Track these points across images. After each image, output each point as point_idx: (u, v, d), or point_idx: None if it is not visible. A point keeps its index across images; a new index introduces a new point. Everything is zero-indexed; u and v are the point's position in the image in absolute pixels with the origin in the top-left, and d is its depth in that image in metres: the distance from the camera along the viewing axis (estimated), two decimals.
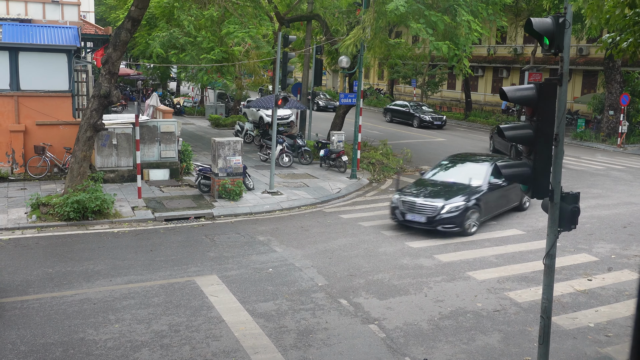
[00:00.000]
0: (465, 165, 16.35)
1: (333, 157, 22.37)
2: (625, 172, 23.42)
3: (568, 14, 6.63)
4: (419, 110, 38.70)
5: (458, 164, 16.61)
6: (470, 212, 14.40)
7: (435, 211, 14.20)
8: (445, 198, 14.50)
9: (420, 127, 37.21)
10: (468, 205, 14.37)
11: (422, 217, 14.36)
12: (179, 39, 22.58)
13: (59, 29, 20.81)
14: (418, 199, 14.66)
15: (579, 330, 9.42)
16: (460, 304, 10.36)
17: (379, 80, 58.47)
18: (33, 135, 19.18)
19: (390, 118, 40.12)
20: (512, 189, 15.90)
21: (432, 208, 14.30)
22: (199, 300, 10.29)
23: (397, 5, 18.06)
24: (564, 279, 11.56)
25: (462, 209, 14.26)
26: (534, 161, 6.81)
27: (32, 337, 8.83)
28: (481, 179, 15.33)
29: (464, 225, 14.28)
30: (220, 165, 17.10)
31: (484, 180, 15.25)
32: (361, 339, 9.00)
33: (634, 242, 14.13)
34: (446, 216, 14.12)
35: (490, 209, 15.27)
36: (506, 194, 15.85)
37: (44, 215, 14.66)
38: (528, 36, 40.31)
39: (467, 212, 14.32)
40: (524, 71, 35.76)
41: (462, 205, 14.31)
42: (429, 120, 37.47)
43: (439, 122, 37.41)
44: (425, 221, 14.33)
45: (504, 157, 17.14)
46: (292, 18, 28.24)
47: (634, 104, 31.82)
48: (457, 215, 14.15)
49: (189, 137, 28.15)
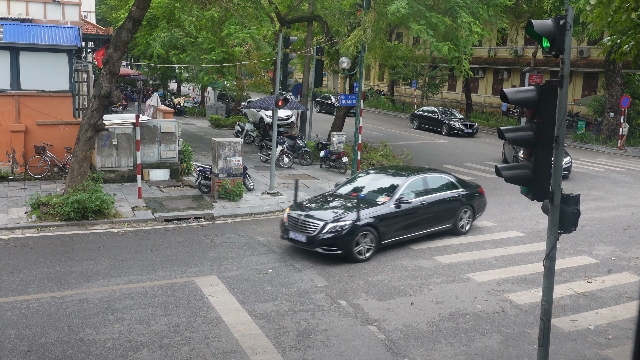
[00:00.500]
0: (380, 179, 14.43)
1: (333, 158, 22.37)
2: (625, 174, 23.41)
3: (569, 16, 6.63)
4: (449, 116, 35.81)
5: (374, 176, 14.69)
6: (360, 234, 12.32)
7: (315, 230, 12.29)
8: (334, 215, 12.57)
9: (450, 134, 34.47)
10: (357, 226, 12.25)
11: (303, 236, 12.44)
12: (180, 39, 22.60)
13: (60, 28, 20.82)
14: (302, 215, 12.77)
15: (578, 333, 9.41)
16: (459, 306, 10.35)
17: (380, 82, 58.49)
18: (33, 135, 19.18)
19: (417, 125, 37.33)
20: (443, 208, 14.07)
21: (313, 226, 12.37)
22: (199, 301, 10.28)
23: (398, 7, 18.08)
24: (563, 281, 11.56)
25: (348, 229, 12.20)
26: (535, 163, 6.81)
27: (32, 337, 8.83)
28: (390, 195, 13.39)
29: (350, 249, 12.21)
30: (221, 165, 17.10)
31: (393, 198, 13.24)
32: (361, 340, 9.00)
33: (634, 244, 14.13)
34: (327, 237, 12.16)
35: (398, 230, 13.16)
36: (431, 214, 13.80)
37: (44, 215, 14.67)
38: (529, 38, 40.34)
39: (356, 234, 12.24)
40: (525, 73, 35.71)
41: (348, 225, 12.25)
42: (459, 127, 34.58)
43: (470, 130, 34.51)
44: (305, 241, 12.40)
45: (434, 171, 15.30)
46: (293, 19, 28.26)
47: (635, 106, 31.83)
48: (340, 236, 12.15)
49: (190, 138, 28.16)
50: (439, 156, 27.00)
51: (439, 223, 14.10)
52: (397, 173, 14.61)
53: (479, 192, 15.24)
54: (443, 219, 14.18)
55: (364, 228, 12.39)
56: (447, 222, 14.29)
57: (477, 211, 15.11)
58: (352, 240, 12.25)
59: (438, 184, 14.41)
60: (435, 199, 14.02)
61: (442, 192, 14.26)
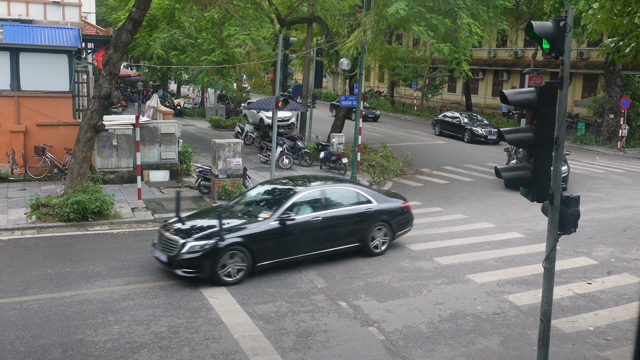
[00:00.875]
0: (275, 191, 12.97)
1: (333, 159, 22.38)
2: (625, 175, 23.42)
3: (569, 18, 6.64)
4: (472, 122, 33.42)
5: (271, 188, 13.28)
6: (225, 255, 10.96)
7: (175, 249, 11.01)
8: (200, 233, 11.29)
9: (472, 141, 32.12)
10: (219, 246, 10.93)
11: (164, 255, 11.17)
12: (180, 40, 22.60)
13: (60, 29, 20.84)
14: (168, 232, 11.50)
15: (578, 334, 9.41)
16: (459, 307, 10.35)
17: (380, 83, 58.51)
18: (33, 135, 19.19)
19: (439, 131, 35.08)
20: (346, 225, 12.55)
21: (174, 245, 11.09)
22: (198, 302, 10.28)
23: (398, 8, 18.09)
24: (563, 282, 11.56)
25: (209, 249, 10.88)
26: (534, 164, 6.81)
27: (31, 338, 8.82)
28: (274, 210, 11.92)
29: (213, 271, 10.85)
30: (221, 166, 17.10)
31: (275, 213, 11.78)
32: (360, 341, 9.00)
33: (634, 245, 14.13)
34: (187, 257, 10.85)
35: (283, 250, 11.73)
36: (330, 232, 12.34)
37: (43, 215, 14.66)
38: (529, 39, 40.32)
39: (220, 254, 10.89)
40: (525, 74, 35.75)
41: (210, 245, 10.93)
42: (482, 133, 32.12)
43: (494, 137, 31.77)
44: (166, 261, 11.12)
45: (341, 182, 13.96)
46: (293, 20, 28.28)
47: (634, 107, 31.86)
48: (199, 257, 10.85)
49: (189, 139, 28.16)
50: (439, 157, 27.00)
51: (341, 242, 12.52)
52: (295, 184, 12.93)
53: (402, 207, 13.59)
54: (347, 238, 12.58)
55: (231, 247, 11.00)
56: (354, 241, 12.68)
57: (398, 229, 13.34)
58: (216, 261, 10.85)
59: (341, 198, 12.86)
60: (336, 214, 12.44)
61: (345, 206, 12.68)
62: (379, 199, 13.25)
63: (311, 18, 27.02)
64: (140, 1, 15.16)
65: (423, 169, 24.07)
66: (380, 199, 13.34)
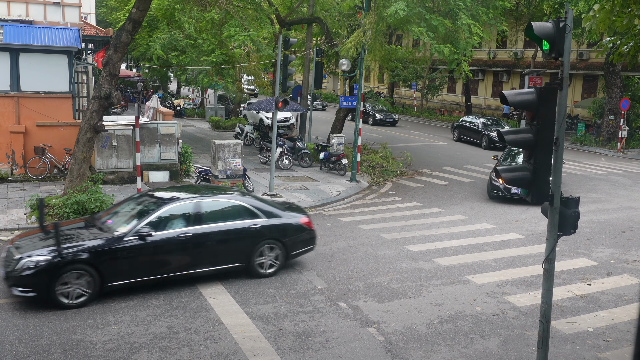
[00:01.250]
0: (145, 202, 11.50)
1: (333, 160, 22.38)
2: (625, 176, 23.42)
3: (569, 19, 6.64)
4: (491, 127, 31.40)
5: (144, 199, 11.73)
6: (67, 273, 9.82)
7: (11, 265, 9.93)
8: (44, 247, 10.07)
9: (489, 148, 30.18)
10: (54, 263, 9.75)
11: (2, 270, 10.16)
12: (180, 41, 22.59)
13: (60, 30, 20.84)
14: (13, 245, 10.47)
15: (578, 335, 9.41)
16: (459, 308, 10.35)
17: (379, 84, 58.53)
18: (33, 136, 19.19)
19: (457, 136, 33.36)
20: (224, 243, 11.18)
21: (10, 260, 10.07)
22: (198, 302, 10.28)
23: (397, 9, 18.09)
24: (563, 283, 11.55)
25: (44, 266, 9.72)
26: (534, 165, 6.81)
27: (31, 338, 8.82)
28: (132, 225, 10.61)
29: (49, 292, 9.73)
30: (220, 167, 17.10)
31: (133, 228, 10.50)
32: (360, 342, 9.00)
33: (634, 246, 14.13)
34: (22, 274, 9.72)
35: (141, 270, 10.48)
36: (203, 250, 10.96)
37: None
38: (528, 40, 40.34)
39: (58, 273, 9.77)
40: (524, 75, 35.77)
41: (45, 261, 9.76)
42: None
43: None
44: (4, 277, 10.08)
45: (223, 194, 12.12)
46: (293, 21, 28.28)
47: (634, 108, 31.87)
48: (33, 274, 9.71)
49: (189, 139, 28.16)
50: (439, 158, 27.01)
51: (219, 261, 11.16)
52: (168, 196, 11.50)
53: (300, 224, 12.01)
54: (227, 257, 11.24)
55: (73, 266, 9.83)
56: (235, 261, 11.30)
57: (293, 249, 11.82)
58: (53, 281, 9.71)
59: (222, 212, 11.45)
60: (211, 230, 11.05)
61: (226, 222, 11.30)
62: (270, 214, 11.74)
63: (311, 19, 27.03)
64: (140, 2, 15.16)
65: (423, 169, 24.07)
66: (272, 213, 11.81)
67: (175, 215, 11.00)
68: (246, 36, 21.02)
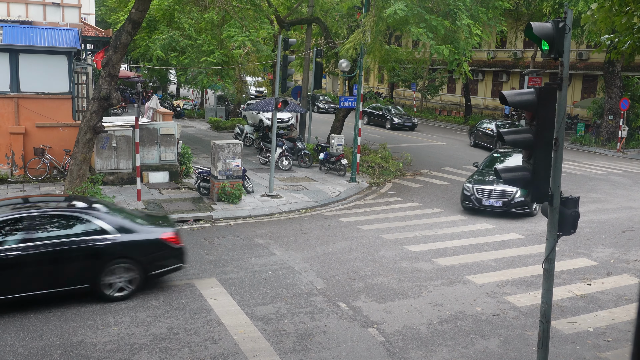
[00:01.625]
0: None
1: (333, 160, 22.38)
2: (624, 176, 23.43)
3: (568, 19, 6.64)
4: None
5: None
6: None
7: None
8: None
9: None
10: None
11: None
12: (180, 41, 22.60)
13: (60, 31, 20.84)
14: None
15: (578, 335, 9.42)
16: (459, 308, 10.35)
17: (379, 84, 58.53)
18: (33, 137, 19.18)
19: (474, 141, 31.45)
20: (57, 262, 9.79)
21: None
22: (198, 303, 10.28)
23: (396, 9, 18.09)
24: (563, 283, 11.56)
25: None
26: (534, 165, 6.81)
27: (31, 339, 8.82)
28: None
29: None
30: (220, 168, 17.10)
31: None
32: (360, 342, 8.99)
33: (634, 246, 14.13)
34: None
35: None
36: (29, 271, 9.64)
37: None
38: (528, 40, 40.34)
39: None
40: (524, 75, 35.80)
41: None
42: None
43: None
44: None
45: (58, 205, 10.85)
46: (293, 21, 28.27)
47: (634, 108, 31.86)
48: None
49: (189, 140, 28.15)
50: (439, 159, 27.01)
51: (56, 283, 9.81)
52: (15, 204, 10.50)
53: (161, 240, 10.57)
54: (66, 278, 9.87)
55: None
56: (79, 282, 9.94)
57: (153, 268, 10.49)
58: None
59: (57, 226, 10.12)
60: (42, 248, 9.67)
61: (63, 238, 9.96)
62: (123, 229, 10.34)
63: (310, 19, 27.03)
64: (140, 2, 15.17)
65: (423, 170, 24.07)
66: (127, 228, 10.41)
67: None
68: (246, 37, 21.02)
